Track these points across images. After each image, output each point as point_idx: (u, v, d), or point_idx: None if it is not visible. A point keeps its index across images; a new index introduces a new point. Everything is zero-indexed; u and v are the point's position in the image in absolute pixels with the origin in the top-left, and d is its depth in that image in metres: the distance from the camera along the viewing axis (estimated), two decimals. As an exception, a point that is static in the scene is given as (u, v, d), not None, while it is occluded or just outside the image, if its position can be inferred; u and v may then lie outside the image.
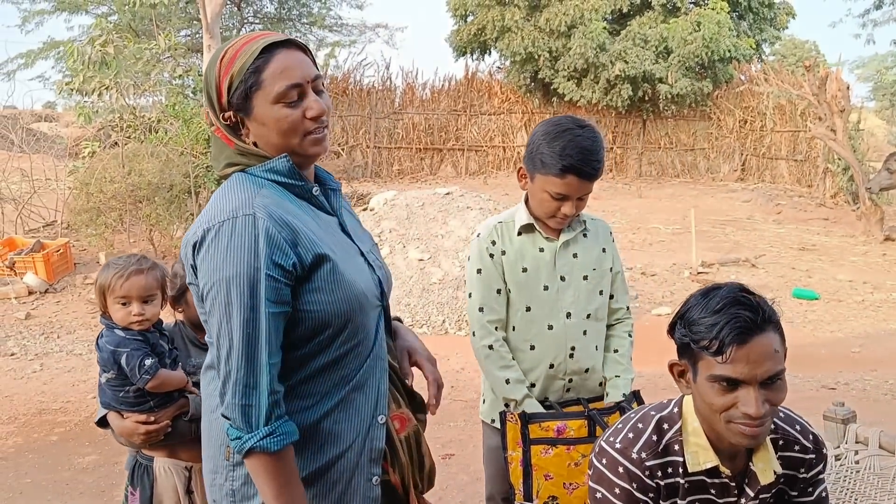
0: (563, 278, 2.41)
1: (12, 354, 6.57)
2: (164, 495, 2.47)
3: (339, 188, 1.76)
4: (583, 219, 2.47)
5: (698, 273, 9.18)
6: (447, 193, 9.27)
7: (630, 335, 2.57)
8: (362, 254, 1.70)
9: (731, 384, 1.56)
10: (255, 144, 1.63)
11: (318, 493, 1.58)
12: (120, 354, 2.26)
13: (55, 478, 4.24)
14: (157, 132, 9.88)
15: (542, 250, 2.41)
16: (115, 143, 10.17)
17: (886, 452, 2.64)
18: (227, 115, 1.61)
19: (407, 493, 1.71)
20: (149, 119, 10.38)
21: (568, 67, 17.08)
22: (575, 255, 2.43)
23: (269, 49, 1.58)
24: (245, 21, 24.01)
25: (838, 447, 2.76)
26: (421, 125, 18.43)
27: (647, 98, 17.61)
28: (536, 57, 17.30)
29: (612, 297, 2.53)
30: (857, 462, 2.65)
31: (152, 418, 2.34)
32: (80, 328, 7.37)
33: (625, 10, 17.72)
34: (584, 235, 2.47)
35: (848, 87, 13.03)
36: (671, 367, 1.73)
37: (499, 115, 18.98)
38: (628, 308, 2.59)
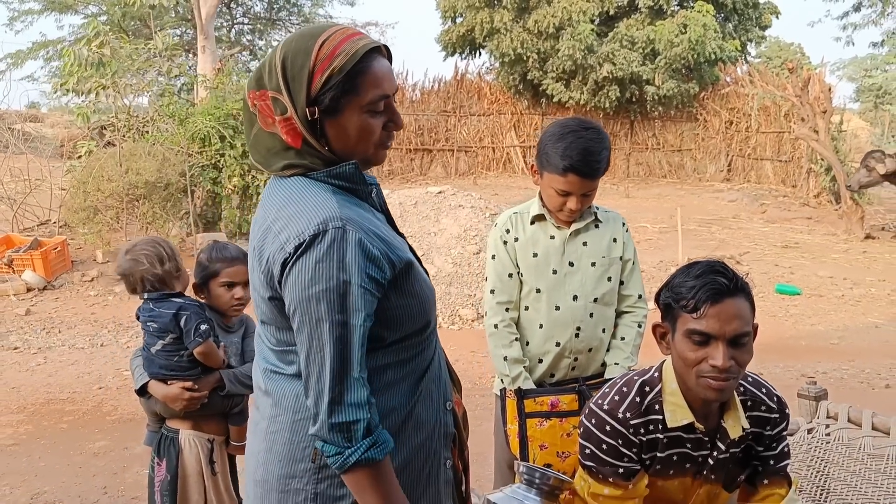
0: (571, 264, 2.61)
1: (15, 348, 6.71)
2: (188, 465, 2.67)
3: (377, 183, 1.70)
4: (594, 210, 2.66)
5: (684, 270, 9.42)
6: (439, 192, 9.46)
7: (640, 325, 2.71)
8: (409, 247, 1.70)
9: (703, 339, 1.78)
10: (326, 147, 1.57)
11: (409, 480, 1.60)
12: (181, 315, 2.53)
13: (68, 461, 4.41)
14: (148, 133, 10.01)
15: (552, 237, 2.62)
16: (109, 142, 10.31)
17: (854, 426, 2.87)
18: (311, 109, 1.51)
19: (466, 472, 1.81)
20: (143, 119, 10.52)
21: (556, 69, 17.32)
22: (585, 244, 2.63)
23: (368, 54, 1.54)
24: (234, 21, 24.17)
25: (811, 422, 2.98)
26: (411, 126, 18.59)
27: (634, 99, 17.88)
28: (525, 58, 17.52)
29: (622, 283, 2.70)
30: (827, 434, 2.86)
31: (196, 386, 2.57)
32: (80, 324, 7.51)
33: (612, 13, 17.97)
34: (596, 226, 2.66)
35: (830, 89, 13.32)
36: (654, 328, 1.95)
37: (488, 116, 19.19)
38: (641, 297, 2.73)
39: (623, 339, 2.69)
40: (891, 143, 22.52)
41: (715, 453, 1.94)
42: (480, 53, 19.75)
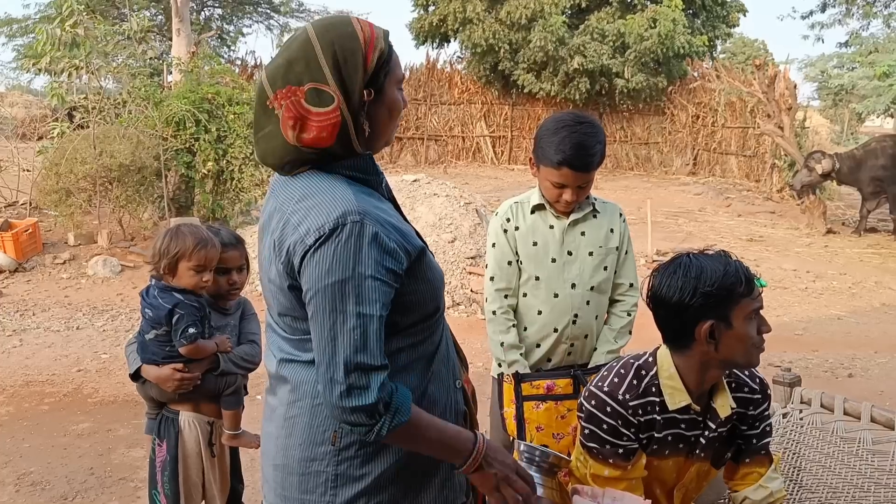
0: (569, 253, 2.71)
1: (-11, 330, 6.67)
2: (188, 446, 2.74)
3: (382, 173, 1.74)
4: (592, 201, 2.76)
5: (653, 261, 9.62)
6: (414, 180, 9.52)
7: (629, 314, 2.82)
8: (417, 233, 1.73)
9: (757, 314, 1.95)
10: (368, 132, 1.60)
11: (424, 457, 1.65)
12: (175, 313, 2.56)
13: (52, 443, 4.43)
14: (120, 115, 9.92)
15: (551, 227, 2.72)
16: (80, 125, 10.18)
17: (826, 411, 3.02)
18: (369, 90, 1.56)
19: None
20: (115, 102, 10.41)
21: (527, 60, 17.46)
22: (583, 234, 2.73)
23: None
24: (204, 4, 23.88)
25: (785, 407, 3.13)
26: (381, 113, 18.61)
27: (603, 92, 18.10)
28: (497, 49, 17.64)
29: (615, 272, 2.80)
30: (801, 419, 3.01)
31: (186, 368, 2.63)
32: (54, 306, 7.47)
33: (583, 5, 18.16)
34: (594, 216, 2.76)
35: (795, 86, 13.63)
36: (700, 331, 1.94)
37: (459, 105, 19.31)
38: (633, 285, 2.83)
39: (612, 327, 2.81)
40: (850, 140, 23.04)
41: (706, 433, 2.07)
42: (451, 43, 19.84)
